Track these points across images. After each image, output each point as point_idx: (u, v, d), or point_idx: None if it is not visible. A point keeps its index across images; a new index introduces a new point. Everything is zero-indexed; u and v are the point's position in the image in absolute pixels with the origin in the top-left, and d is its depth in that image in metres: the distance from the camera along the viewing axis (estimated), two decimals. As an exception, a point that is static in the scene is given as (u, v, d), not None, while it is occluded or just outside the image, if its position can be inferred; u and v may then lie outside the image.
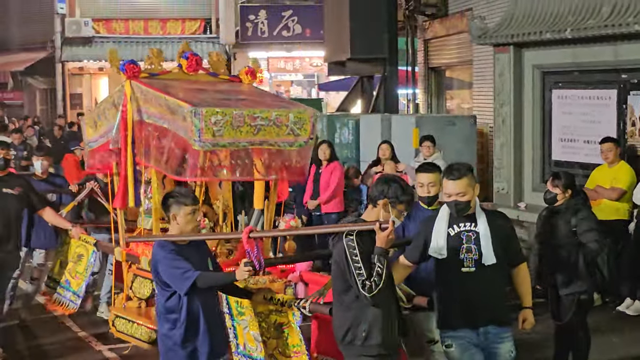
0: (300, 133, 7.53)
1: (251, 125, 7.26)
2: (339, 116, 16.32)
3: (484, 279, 5.89)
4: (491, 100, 15.22)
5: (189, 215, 6.22)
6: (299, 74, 33.79)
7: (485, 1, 16.90)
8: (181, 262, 6.04)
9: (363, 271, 5.42)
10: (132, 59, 8.19)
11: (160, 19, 33.10)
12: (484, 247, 5.85)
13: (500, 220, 6.11)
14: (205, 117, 7.06)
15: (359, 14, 17.37)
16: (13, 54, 34.40)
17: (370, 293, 5.40)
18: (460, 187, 5.84)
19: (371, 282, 5.40)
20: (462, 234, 5.92)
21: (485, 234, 5.86)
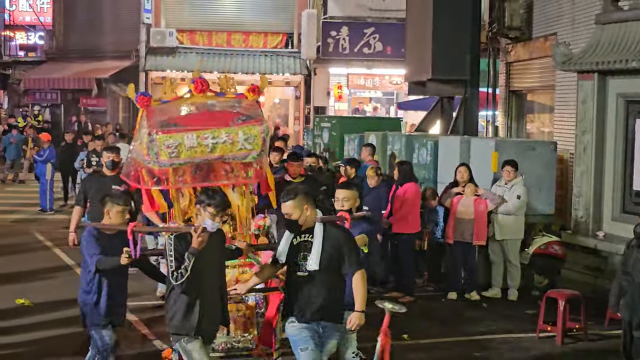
0: (253, 147, 8.55)
1: (204, 145, 8.34)
2: (418, 136, 16.30)
3: (313, 283, 7.07)
4: (572, 126, 15.08)
5: (119, 212, 7.96)
6: (378, 91, 33.81)
7: (571, 27, 16.76)
8: (94, 247, 7.81)
9: (173, 264, 6.97)
10: (144, 91, 9.68)
11: (243, 32, 33.40)
12: (312, 255, 7.02)
13: (338, 233, 7.17)
14: (160, 143, 8.23)
15: (441, 35, 17.33)
16: (98, 62, 35.04)
17: (176, 282, 6.93)
18: (286, 209, 7.10)
19: (178, 273, 6.91)
20: (300, 244, 7.16)
21: (316, 244, 7.03)
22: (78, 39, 37.07)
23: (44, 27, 43.42)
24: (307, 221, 7.10)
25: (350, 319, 7.08)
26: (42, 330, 10.64)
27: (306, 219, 7.09)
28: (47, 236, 17.45)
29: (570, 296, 10.75)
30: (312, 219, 7.11)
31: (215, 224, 7.16)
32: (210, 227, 7.09)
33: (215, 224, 7.15)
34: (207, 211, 7.09)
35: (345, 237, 7.20)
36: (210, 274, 7.19)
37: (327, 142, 20.01)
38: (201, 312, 7.08)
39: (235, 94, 9.50)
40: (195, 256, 6.91)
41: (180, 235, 7.10)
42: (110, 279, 7.93)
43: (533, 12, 18.92)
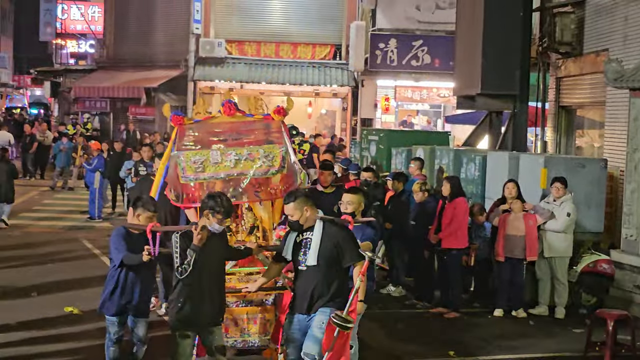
0: (273, 164, 9.33)
1: (227, 161, 9.18)
2: (466, 151, 16.23)
3: (310, 277, 7.81)
4: (623, 143, 14.92)
5: (148, 218, 8.63)
6: (426, 103, 33.72)
7: (622, 43, 16.61)
8: (122, 244, 8.58)
9: (178, 260, 7.72)
10: (177, 111, 10.21)
11: (292, 42, 33.56)
12: (310, 251, 7.80)
13: (335, 230, 7.91)
14: (187, 158, 9.12)
15: (491, 49, 17.26)
16: (148, 71, 35.38)
17: (181, 276, 7.69)
18: (287, 210, 7.92)
19: (182, 268, 7.66)
20: (302, 241, 7.92)
21: (315, 241, 7.80)
22: (128, 48, 37.49)
23: (95, 36, 43.95)
24: (308, 221, 7.88)
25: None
26: (90, 339, 10.72)
27: (307, 219, 7.87)
28: (95, 244, 17.62)
29: (619, 316, 10.62)
30: (312, 219, 7.89)
31: (221, 227, 7.87)
32: (215, 229, 7.82)
33: (221, 227, 7.88)
34: (216, 217, 7.77)
35: (343, 233, 7.94)
36: (210, 270, 7.86)
37: (374, 155, 19.99)
38: (203, 303, 7.82)
39: (263, 115, 10.17)
40: (196, 252, 7.63)
41: (184, 233, 7.84)
42: (132, 274, 8.68)
43: (584, 27, 18.76)
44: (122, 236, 8.66)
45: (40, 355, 9.99)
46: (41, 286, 13.42)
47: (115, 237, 8.68)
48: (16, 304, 12.41)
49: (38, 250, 16.81)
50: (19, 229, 19.49)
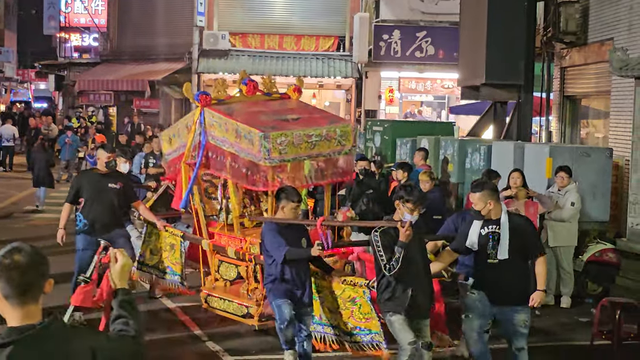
0: (346, 143, 9.42)
1: (308, 142, 9.17)
2: (471, 141, 16.20)
3: (502, 269, 7.99)
4: (628, 132, 14.90)
5: (292, 209, 8.71)
6: (430, 95, 33.69)
7: (627, 32, 16.57)
8: (279, 238, 8.56)
9: (384, 256, 7.74)
10: (204, 90, 10.18)
11: (295, 35, 33.53)
12: (501, 245, 7.92)
13: (521, 222, 8.17)
14: (273, 140, 8.97)
15: (496, 39, 17.24)
16: (152, 64, 35.38)
17: (389, 272, 7.72)
18: (473, 198, 8.10)
19: (390, 264, 7.69)
20: (489, 234, 8.01)
21: (504, 234, 7.90)
22: (132, 41, 37.49)
23: (99, 29, 43.93)
24: (491, 213, 8.00)
25: (533, 297, 8.09)
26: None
27: (489, 211, 7.99)
28: (101, 236, 17.60)
29: (625, 304, 10.61)
30: (496, 212, 8.00)
31: (414, 217, 7.79)
32: (408, 219, 7.75)
33: (414, 216, 7.79)
34: (406, 206, 7.78)
35: (528, 227, 8.23)
36: (418, 261, 7.95)
37: (379, 146, 19.98)
38: (414, 295, 7.86)
39: (280, 94, 10.20)
40: (404, 248, 7.62)
41: (384, 230, 7.85)
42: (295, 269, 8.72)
43: (589, 17, 18.72)
44: (277, 231, 8.63)
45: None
46: (46, 278, 13.38)
47: (270, 233, 8.64)
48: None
49: (42, 242, 16.71)
50: (23, 221, 19.48)
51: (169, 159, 11.36)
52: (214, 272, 10.69)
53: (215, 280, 10.66)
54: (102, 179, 11.24)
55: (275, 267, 8.65)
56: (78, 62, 44.66)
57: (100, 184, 11.18)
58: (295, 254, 8.54)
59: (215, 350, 9.95)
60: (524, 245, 8.03)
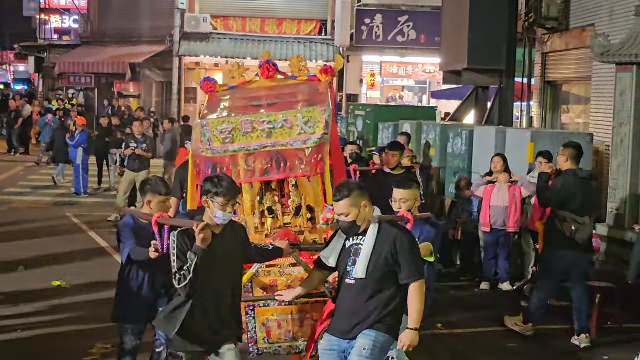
0: (315, 131, 7.67)
1: (261, 130, 7.61)
2: (452, 126, 16.25)
3: (358, 292, 6.22)
4: (609, 118, 14.99)
5: (161, 203, 7.33)
6: (411, 79, 33.73)
7: (609, 18, 16.64)
8: (129, 236, 7.25)
9: (175, 265, 6.10)
10: (208, 76, 8.80)
11: (277, 18, 33.47)
12: (359, 261, 6.19)
13: (395, 235, 6.24)
14: (212, 128, 7.59)
15: (478, 24, 17.29)
16: (133, 46, 35.26)
17: (179, 285, 6.07)
18: (341, 208, 6.25)
19: (180, 275, 6.04)
20: (352, 247, 6.34)
21: (366, 248, 6.20)
22: (112, 23, 37.31)
23: (79, 11, 43.68)
24: (365, 221, 6.27)
25: (401, 338, 6.24)
26: (77, 311, 10.74)
27: (364, 219, 6.27)
28: (82, 219, 17.61)
29: (605, 289, 10.70)
30: (369, 219, 6.28)
31: (228, 215, 6.23)
32: (220, 218, 6.21)
33: (227, 215, 6.22)
34: (216, 201, 6.16)
35: (404, 240, 6.26)
36: (219, 276, 6.26)
37: (361, 131, 20.00)
38: (204, 322, 6.23)
39: (308, 77, 8.94)
40: (198, 255, 6.02)
41: (184, 231, 6.21)
42: (145, 274, 7.45)
43: (570, 2, 18.79)
44: (130, 227, 7.31)
45: (28, 327, 9.97)
46: (27, 261, 13.37)
47: (122, 228, 7.35)
48: (2, 278, 12.36)
49: (24, 225, 16.76)
50: (4, 204, 19.43)
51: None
52: None
53: None
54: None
55: (122, 274, 7.45)
56: (58, 44, 44.38)
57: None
58: (139, 253, 7.11)
59: None
60: (394, 264, 6.19)
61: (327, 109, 7.80)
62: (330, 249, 6.47)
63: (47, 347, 9.34)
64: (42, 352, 9.20)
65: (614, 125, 13.77)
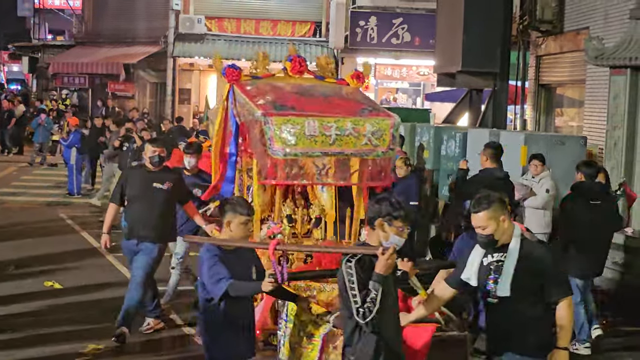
0: (379, 143, 7.31)
1: (326, 135, 7.14)
2: (446, 128, 16.24)
3: (504, 312, 5.88)
4: (602, 121, 15.00)
5: (242, 224, 6.44)
6: (405, 82, 33.72)
7: (603, 21, 16.65)
8: (220, 268, 6.26)
9: (358, 298, 5.41)
10: (233, 64, 8.35)
11: (272, 20, 33.45)
12: (502, 278, 5.83)
13: (538, 253, 5.94)
14: (276, 126, 7.06)
15: (472, 27, 17.27)
16: (127, 47, 35.18)
17: (364, 319, 5.40)
18: (479, 221, 5.89)
19: (365, 308, 5.38)
20: (492, 264, 5.95)
21: (509, 265, 5.84)
22: (107, 23, 37.21)
23: (73, 12, 43.60)
24: (504, 235, 5.93)
25: (549, 358, 5.94)
26: (69, 312, 10.72)
27: (503, 233, 5.91)
28: (75, 219, 17.57)
29: (598, 292, 10.71)
30: (509, 233, 5.93)
31: (401, 241, 5.65)
32: (395, 243, 5.60)
33: (401, 240, 5.65)
34: (393, 225, 5.61)
35: (550, 260, 5.98)
36: (389, 304, 5.66)
37: (354, 132, 19.94)
38: (388, 351, 5.67)
39: (336, 79, 8.67)
40: (382, 284, 5.43)
41: (360, 258, 5.56)
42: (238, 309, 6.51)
43: (565, 5, 18.80)
44: (219, 257, 6.36)
45: (20, 327, 9.93)
46: (19, 261, 13.33)
47: (210, 260, 6.35)
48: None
49: (16, 225, 16.72)
50: (-3, 204, 19.43)
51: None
52: None
53: None
54: (148, 178, 9.70)
55: (213, 307, 6.42)
56: (52, 44, 44.29)
57: (145, 184, 9.67)
58: (241, 288, 6.30)
59: None
60: (538, 282, 5.88)
61: (396, 123, 7.47)
62: (468, 267, 6.05)
63: (39, 347, 9.30)
64: (34, 353, 9.16)
65: (607, 128, 13.81)
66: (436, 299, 6.27)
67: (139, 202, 9.65)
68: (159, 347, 9.80)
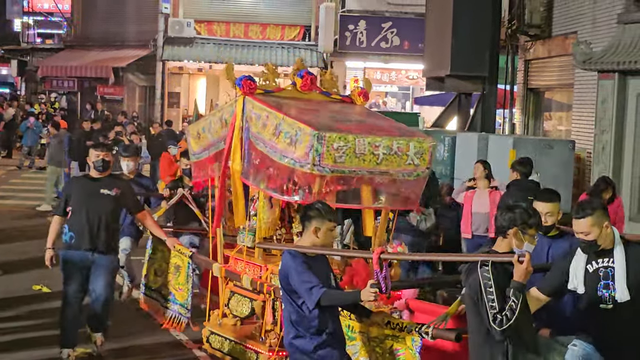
0: (420, 163, 7.36)
1: (374, 154, 7.13)
2: (436, 132, 16.30)
3: (621, 316, 5.82)
4: (590, 125, 15.06)
5: (329, 231, 6.28)
6: (394, 85, 33.80)
7: (591, 26, 16.72)
8: (311, 276, 6.05)
9: (496, 304, 5.30)
10: (249, 75, 8.10)
11: (261, 23, 33.46)
12: (617, 283, 5.78)
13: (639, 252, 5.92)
14: (328, 143, 6.96)
15: (461, 31, 17.35)
16: (116, 50, 35.16)
17: (500, 327, 5.26)
18: (582, 227, 5.85)
19: (502, 315, 5.26)
20: (599, 270, 5.89)
21: (620, 270, 5.80)
22: (96, 27, 37.18)
23: (62, 15, 43.54)
24: (606, 241, 5.89)
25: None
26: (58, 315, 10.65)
27: (605, 239, 5.87)
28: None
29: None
30: (611, 239, 5.90)
31: (531, 248, 5.57)
32: (528, 251, 5.51)
33: (532, 247, 5.57)
34: (528, 233, 5.54)
35: None
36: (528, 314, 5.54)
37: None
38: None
39: (341, 96, 8.55)
40: (522, 293, 5.32)
41: (497, 265, 5.47)
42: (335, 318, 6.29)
43: (553, 10, 18.87)
44: (305, 264, 6.15)
45: (7, 332, 9.91)
46: (7, 265, 13.30)
47: (298, 267, 6.11)
48: (-18, 282, 12.32)
49: (4, 229, 16.67)
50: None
51: (195, 160, 9.26)
52: (222, 306, 8.58)
53: (223, 315, 8.54)
54: (93, 185, 9.04)
55: (303, 317, 6.13)
56: (41, 47, 44.24)
57: (91, 191, 8.99)
58: (335, 297, 6.12)
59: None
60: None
61: (434, 146, 7.51)
62: (575, 276, 5.94)
63: (28, 351, 9.28)
64: (22, 357, 9.13)
65: (595, 132, 13.86)
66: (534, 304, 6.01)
67: (86, 210, 8.93)
68: (150, 351, 9.77)
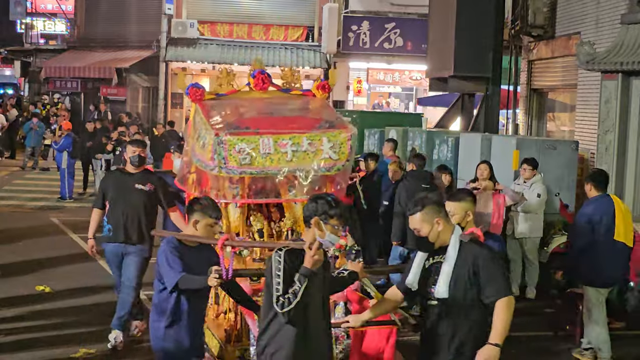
0: (339, 157, 7.35)
1: (282, 152, 7.16)
2: (439, 133, 16.29)
3: (444, 313, 5.80)
4: (594, 125, 15.04)
5: (208, 226, 6.61)
6: (398, 86, 33.78)
7: (595, 26, 16.70)
8: (176, 261, 6.45)
9: (280, 287, 5.46)
10: (195, 82, 8.35)
11: (264, 24, 33.43)
12: (439, 280, 5.77)
13: (477, 253, 5.80)
14: (229, 146, 7.09)
15: (464, 31, 17.33)
16: (119, 51, 35.15)
17: (282, 309, 5.45)
18: (413, 223, 5.88)
19: (284, 298, 5.44)
20: (432, 267, 5.91)
21: (446, 267, 5.77)
22: (99, 28, 37.15)
23: (66, 16, 43.56)
24: (441, 238, 5.86)
25: (479, 353, 5.69)
26: (61, 316, 10.69)
27: (438, 236, 5.85)
28: (67, 224, 17.53)
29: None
30: (447, 236, 5.85)
31: (336, 239, 5.68)
32: (327, 244, 5.68)
33: (336, 239, 5.69)
34: (329, 223, 5.66)
35: (489, 260, 5.80)
36: (317, 301, 5.75)
37: (347, 136, 19.95)
38: (309, 349, 5.70)
39: (302, 91, 8.56)
40: (308, 279, 5.46)
41: (290, 250, 5.60)
42: (186, 303, 6.63)
43: (557, 10, 18.86)
44: (177, 250, 6.56)
45: (11, 332, 9.91)
46: (11, 265, 13.32)
47: (168, 251, 6.53)
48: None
49: (8, 230, 16.68)
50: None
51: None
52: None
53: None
54: (128, 180, 9.51)
55: (165, 299, 6.61)
56: (45, 48, 44.21)
57: (126, 186, 9.47)
58: (190, 281, 6.43)
59: None
60: (477, 281, 5.74)
61: (353, 135, 7.50)
62: (413, 273, 5.96)
63: (30, 352, 9.28)
64: (25, 357, 9.14)
65: (599, 132, 13.84)
66: (388, 301, 6.26)
67: (121, 204, 9.42)
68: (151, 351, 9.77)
